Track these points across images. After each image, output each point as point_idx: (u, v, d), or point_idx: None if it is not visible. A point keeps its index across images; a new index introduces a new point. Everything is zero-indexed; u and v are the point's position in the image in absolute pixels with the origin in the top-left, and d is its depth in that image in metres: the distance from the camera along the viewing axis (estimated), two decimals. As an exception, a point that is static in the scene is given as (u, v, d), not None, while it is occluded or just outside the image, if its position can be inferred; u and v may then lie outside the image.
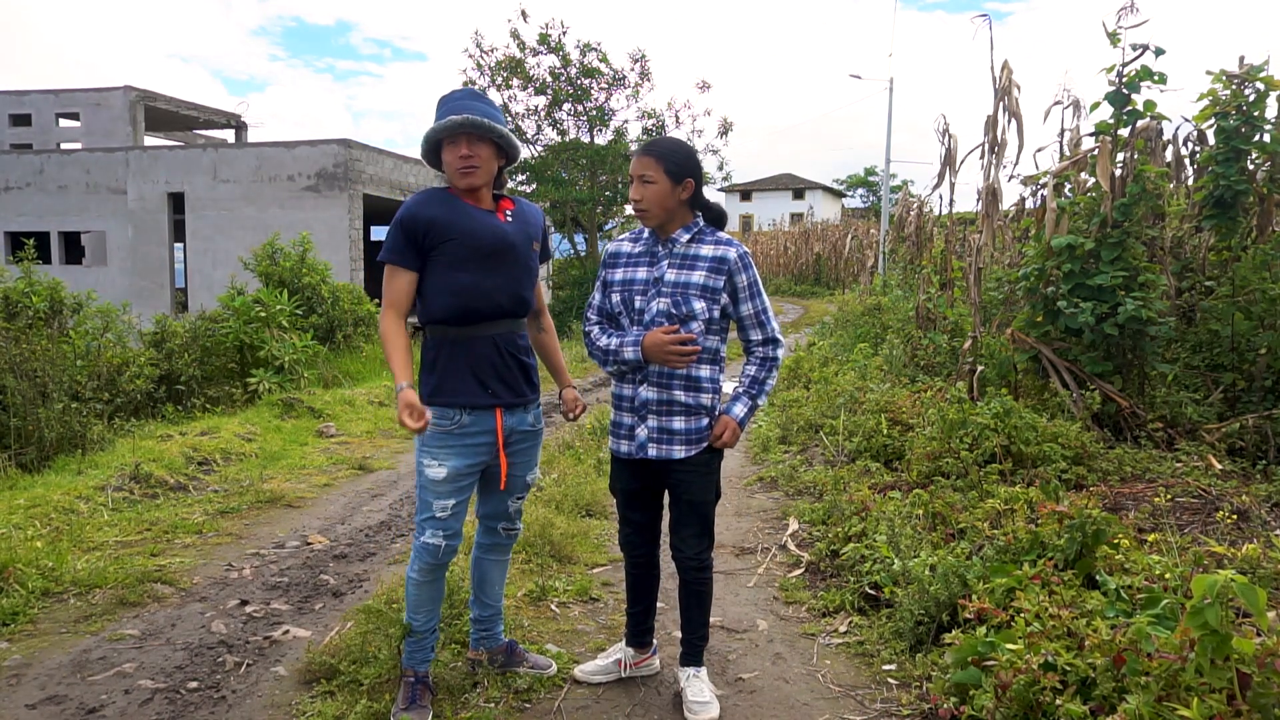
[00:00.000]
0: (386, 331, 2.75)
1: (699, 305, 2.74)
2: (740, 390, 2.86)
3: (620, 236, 3.04)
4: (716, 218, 2.91)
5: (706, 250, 2.79)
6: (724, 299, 2.79)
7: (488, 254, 2.75)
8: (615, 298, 2.86)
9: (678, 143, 2.88)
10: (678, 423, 2.80)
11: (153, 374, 8.22)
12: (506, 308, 2.80)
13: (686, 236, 2.81)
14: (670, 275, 2.78)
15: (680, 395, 2.79)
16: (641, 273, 2.83)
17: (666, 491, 2.94)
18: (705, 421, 2.82)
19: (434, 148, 2.78)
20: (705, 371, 2.81)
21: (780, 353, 2.88)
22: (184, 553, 4.53)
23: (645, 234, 2.90)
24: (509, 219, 2.85)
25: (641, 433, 2.83)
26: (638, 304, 2.81)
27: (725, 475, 6.36)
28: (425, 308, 2.79)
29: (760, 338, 2.85)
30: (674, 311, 2.75)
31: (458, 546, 2.86)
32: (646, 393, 2.81)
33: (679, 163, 2.76)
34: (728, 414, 2.83)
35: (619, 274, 2.88)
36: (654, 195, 2.74)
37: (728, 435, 2.82)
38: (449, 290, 2.72)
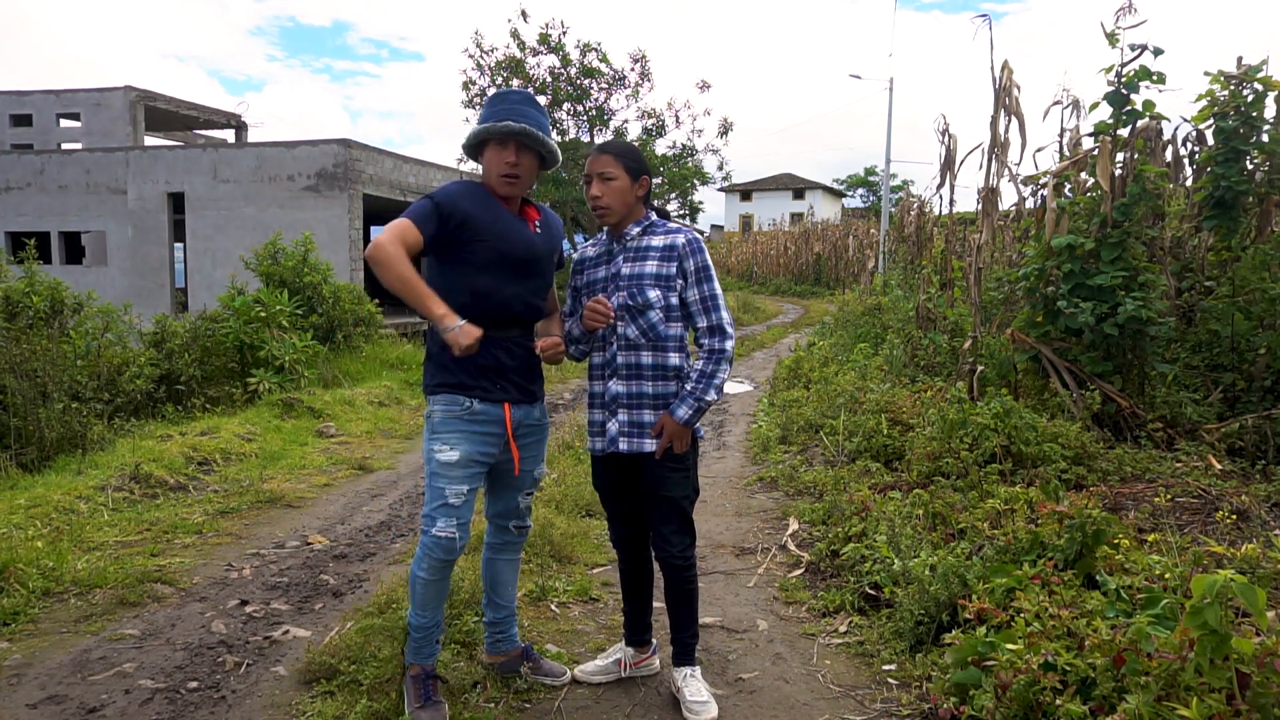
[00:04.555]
0: (404, 268, 2.55)
1: (654, 294, 2.80)
2: (685, 389, 2.80)
3: (583, 245, 3.12)
4: (663, 217, 3.01)
5: (658, 240, 2.86)
6: (679, 284, 2.83)
7: (514, 263, 2.75)
8: (584, 300, 2.95)
9: (631, 144, 3.03)
10: (648, 415, 2.83)
11: (153, 374, 8.22)
12: (521, 315, 2.82)
13: (637, 230, 2.89)
14: (625, 269, 2.85)
15: (649, 387, 2.82)
16: (601, 272, 2.93)
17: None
18: None
19: (479, 144, 2.75)
20: (674, 360, 2.84)
21: (729, 345, 2.80)
22: (184, 553, 4.53)
23: (603, 237, 2.99)
24: (538, 230, 2.85)
25: (612, 427, 2.86)
26: None
27: (725, 475, 6.37)
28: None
29: (705, 325, 2.83)
30: (630, 303, 2.81)
31: (466, 542, 2.80)
32: (616, 387, 2.85)
33: (637, 160, 2.88)
34: (670, 415, 2.79)
35: (584, 278, 3.00)
36: (615, 191, 2.82)
37: (677, 444, 2.80)
38: (469, 290, 2.68)
